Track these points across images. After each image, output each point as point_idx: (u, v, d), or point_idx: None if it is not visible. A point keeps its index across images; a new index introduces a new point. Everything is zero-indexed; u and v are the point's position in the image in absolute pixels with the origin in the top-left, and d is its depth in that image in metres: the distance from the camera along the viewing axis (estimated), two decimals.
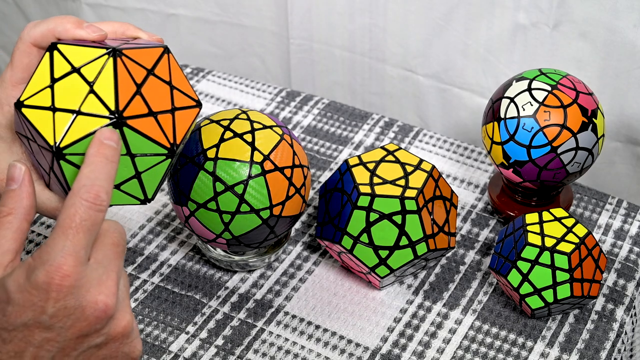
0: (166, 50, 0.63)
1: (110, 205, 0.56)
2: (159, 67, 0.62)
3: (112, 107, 0.57)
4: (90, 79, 0.58)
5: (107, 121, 0.57)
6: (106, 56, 0.58)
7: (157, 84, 0.61)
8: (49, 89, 0.58)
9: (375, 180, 0.75)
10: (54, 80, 0.58)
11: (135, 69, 0.60)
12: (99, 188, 0.51)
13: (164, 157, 0.62)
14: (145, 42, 0.65)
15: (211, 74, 1.09)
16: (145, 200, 0.63)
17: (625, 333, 0.78)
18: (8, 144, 0.64)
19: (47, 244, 0.49)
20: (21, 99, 0.58)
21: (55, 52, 0.59)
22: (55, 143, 0.57)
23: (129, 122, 0.58)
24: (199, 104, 0.65)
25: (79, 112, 0.57)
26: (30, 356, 0.50)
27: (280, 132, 0.76)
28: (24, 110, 0.58)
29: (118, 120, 0.57)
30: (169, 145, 0.61)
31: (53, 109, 0.57)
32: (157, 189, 0.64)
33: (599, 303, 0.79)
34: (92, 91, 0.57)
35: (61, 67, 0.58)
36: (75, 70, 0.58)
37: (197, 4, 1.32)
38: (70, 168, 0.58)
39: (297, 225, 0.88)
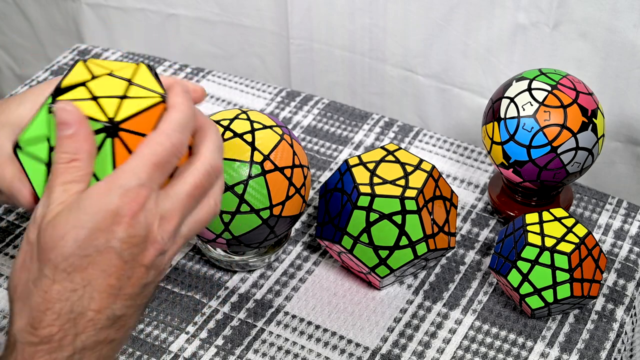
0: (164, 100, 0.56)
1: None
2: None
3: None
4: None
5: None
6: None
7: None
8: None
9: (375, 180, 0.75)
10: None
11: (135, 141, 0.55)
12: (186, 138, 0.54)
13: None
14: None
15: (211, 74, 1.09)
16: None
17: (625, 333, 0.78)
18: None
19: (123, 169, 0.51)
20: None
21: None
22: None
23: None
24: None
25: None
26: (104, 284, 0.51)
27: (280, 132, 0.76)
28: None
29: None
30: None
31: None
32: None
33: (599, 303, 0.79)
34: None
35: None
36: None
37: (197, 4, 1.32)
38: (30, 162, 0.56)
39: (297, 225, 0.88)
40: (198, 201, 0.54)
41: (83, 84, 0.55)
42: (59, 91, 0.55)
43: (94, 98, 0.54)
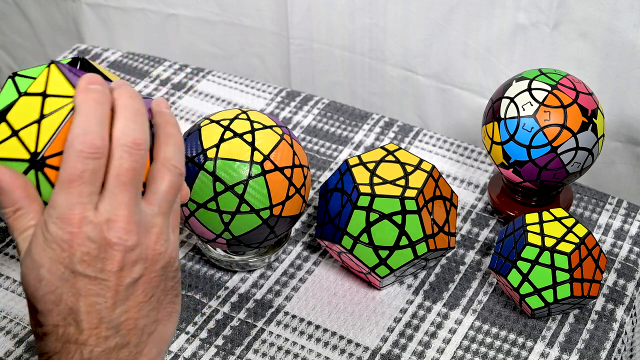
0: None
1: None
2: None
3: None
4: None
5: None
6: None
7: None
8: None
9: (375, 180, 0.75)
10: None
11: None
12: (94, 135, 0.50)
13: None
14: None
15: (211, 74, 1.09)
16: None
17: (625, 333, 0.78)
18: None
19: (53, 199, 0.50)
20: None
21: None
22: None
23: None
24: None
25: None
26: (86, 304, 0.51)
27: (280, 132, 0.76)
28: None
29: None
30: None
31: None
32: None
33: (599, 303, 0.79)
34: None
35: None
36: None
37: (197, 4, 1.32)
38: None
39: (297, 225, 0.88)
40: (136, 179, 0.52)
41: (6, 113, 0.53)
42: None
43: (14, 133, 0.53)
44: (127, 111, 0.52)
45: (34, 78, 0.55)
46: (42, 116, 0.53)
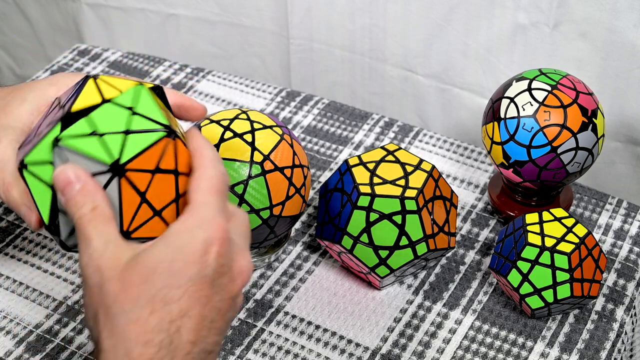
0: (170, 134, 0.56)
1: None
2: (164, 160, 0.56)
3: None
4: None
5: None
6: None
7: (163, 178, 0.56)
8: None
9: (375, 180, 0.75)
10: None
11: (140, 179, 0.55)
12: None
13: None
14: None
15: (211, 74, 1.09)
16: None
17: (625, 333, 0.78)
18: None
19: (194, 204, 0.53)
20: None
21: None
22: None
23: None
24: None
25: None
26: (199, 315, 0.51)
27: (280, 132, 0.76)
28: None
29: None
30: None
31: None
32: None
33: (599, 303, 0.79)
34: None
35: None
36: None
37: (197, 4, 1.32)
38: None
39: (297, 225, 0.88)
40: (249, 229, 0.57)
41: (87, 113, 0.55)
42: (68, 116, 0.55)
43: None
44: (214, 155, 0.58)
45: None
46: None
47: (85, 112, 0.55)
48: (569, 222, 0.76)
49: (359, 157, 0.78)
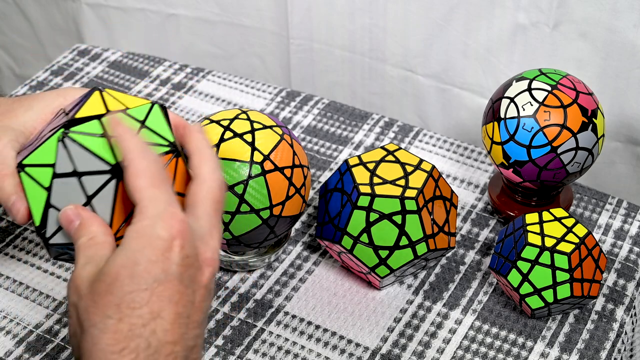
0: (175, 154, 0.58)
1: None
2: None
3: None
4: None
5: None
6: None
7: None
8: None
9: (375, 180, 0.75)
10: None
11: None
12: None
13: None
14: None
15: (211, 74, 1.09)
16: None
17: (625, 333, 0.78)
18: None
19: (144, 204, 0.52)
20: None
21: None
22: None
23: None
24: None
25: None
26: (172, 313, 0.50)
27: (280, 132, 0.76)
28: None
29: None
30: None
31: None
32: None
33: (599, 303, 0.79)
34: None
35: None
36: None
37: (197, 4, 1.32)
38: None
39: (297, 225, 0.88)
40: (219, 216, 0.55)
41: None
42: (72, 122, 0.56)
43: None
44: (212, 153, 0.59)
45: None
46: None
47: (89, 119, 0.56)
48: (569, 222, 0.76)
49: (359, 157, 0.78)
